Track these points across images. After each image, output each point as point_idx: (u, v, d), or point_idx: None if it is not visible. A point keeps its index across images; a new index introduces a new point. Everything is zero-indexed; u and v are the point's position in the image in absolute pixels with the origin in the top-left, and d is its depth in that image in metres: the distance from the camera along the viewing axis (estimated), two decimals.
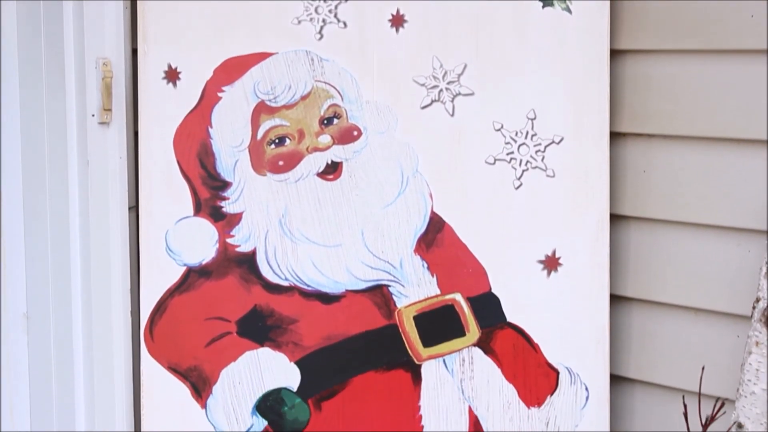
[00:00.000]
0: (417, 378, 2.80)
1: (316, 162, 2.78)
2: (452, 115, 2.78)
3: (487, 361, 2.81)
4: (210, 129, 2.77)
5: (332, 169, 2.78)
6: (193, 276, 2.76)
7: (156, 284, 2.77)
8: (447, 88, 2.77)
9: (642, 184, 2.79)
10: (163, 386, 2.76)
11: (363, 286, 2.78)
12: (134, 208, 2.83)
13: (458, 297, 2.80)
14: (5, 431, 2.68)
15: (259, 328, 2.76)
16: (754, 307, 2.50)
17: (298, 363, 2.77)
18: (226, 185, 2.77)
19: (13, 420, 2.69)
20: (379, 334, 2.79)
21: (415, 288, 2.79)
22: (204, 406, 2.77)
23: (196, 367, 2.76)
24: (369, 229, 2.78)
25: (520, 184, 2.80)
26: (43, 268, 2.71)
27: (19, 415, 2.69)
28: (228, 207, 2.77)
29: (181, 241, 2.77)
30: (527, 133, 2.78)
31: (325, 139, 2.78)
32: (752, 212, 2.60)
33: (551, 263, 2.81)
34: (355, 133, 2.78)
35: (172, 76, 2.79)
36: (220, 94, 2.78)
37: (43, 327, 2.71)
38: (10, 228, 2.65)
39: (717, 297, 2.68)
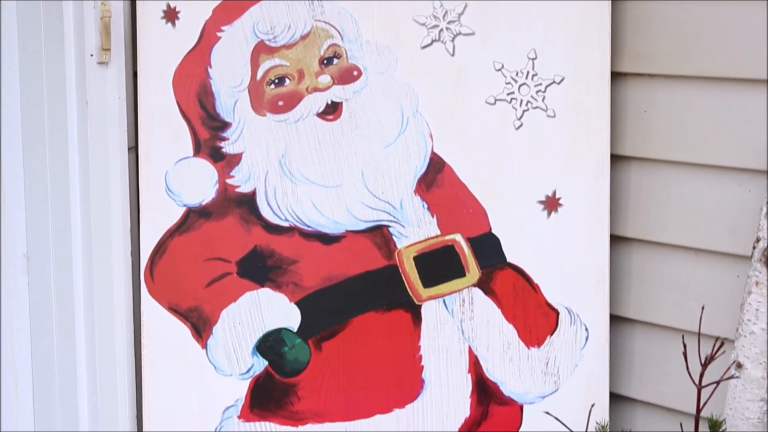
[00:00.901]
0: (417, 318, 2.80)
1: (315, 102, 2.77)
2: (452, 55, 2.76)
3: (487, 301, 2.82)
4: (209, 69, 2.76)
5: (332, 110, 2.77)
6: (193, 216, 2.76)
7: (156, 225, 2.77)
8: (447, 28, 2.76)
9: (643, 124, 2.78)
10: (163, 327, 2.77)
11: (363, 226, 2.78)
12: (134, 149, 2.82)
13: (458, 237, 2.80)
14: (6, 373, 2.68)
15: (260, 269, 2.76)
16: (754, 247, 2.50)
17: (298, 303, 2.77)
18: (225, 126, 2.76)
19: (14, 361, 2.69)
20: (379, 274, 2.79)
21: (415, 228, 2.79)
22: (204, 346, 2.78)
23: (197, 308, 2.77)
24: (369, 169, 2.77)
25: (521, 125, 2.79)
26: (42, 209, 2.71)
27: (20, 357, 2.70)
28: (228, 147, 2.76)
29: (181, 181, 2.76)
30: (528, 73, 2.77)
31: (325, 79, 2.77)
32: (753, 152, 2.59)
33: (551, 204, 2.81)
34: (355, 73, 2.77)
35: (170, 15, 2.77)
36: (219, 34, 2.76)
37: (43, 268, 2.71)
38: (9, 169, 2.65)
39: (717, 237, 2.68)
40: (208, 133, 2.76)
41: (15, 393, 2.70)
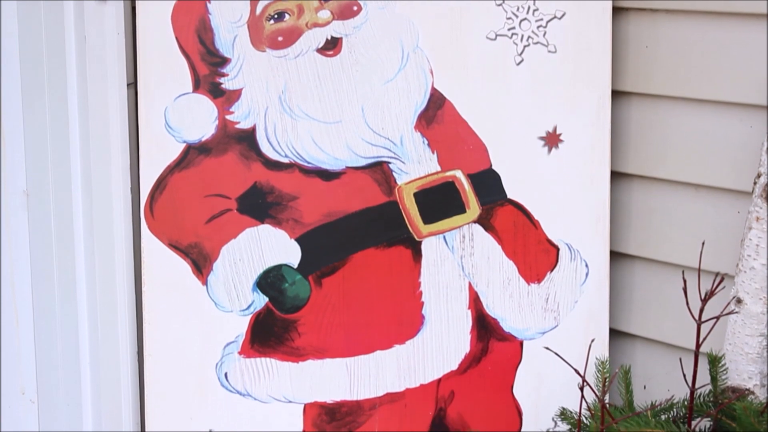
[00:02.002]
0: (417, 254, 2.80)
1: (315, 38, 2.75)
2: None
3: (487, 237, 2.82)
4: (208, 4, 2.74)
5: (332, 45, 2.76)
6: (193, 153, 2.75)
7: (155, 161, 2.76)
8: None
9: (644, 59, 2.77)
10: (163, 263, 2.77)
11: (363, 162, 2.77)
12: (133, 85, 2.81)
13: (458, 174, 2.80)
14: (6, 308, 2.69)
15: (260, 205, 2.76)
16: (755, 183, 2.50)
17: (298, 240, 2.77)
18: (224, 61, 2.75)
19: (15, 297, 2.70)
20: (379, 210, 2.79)
21: (416, 165, 2.78)
22: (205, 282, 2.78)
23: (197, 244, 2.77)
24: (369, 105, 2.76)
25: (522, 60, 2.78)
26: (42, 145, 2.70)
27: (20, 292, 2.71)
28: (227, 83, 2.75)
29: (181, 117, 2.75)
30: (529, 8, 2.75)
31: (325, 14, 2.75)
32: (755, 87, 2.58)
33: (552, 140, 2.80)
34: (355, 8, 2.75)
35: None
36: None
37: (43, 204, 2.71)
38: (8, 106, 2.64)
39: (718, 173, 2.68)
40: (208, 69, 2.75)
41: (16, 328, 2.71)
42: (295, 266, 2.78)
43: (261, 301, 2.78)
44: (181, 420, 2.80)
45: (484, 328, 2.84)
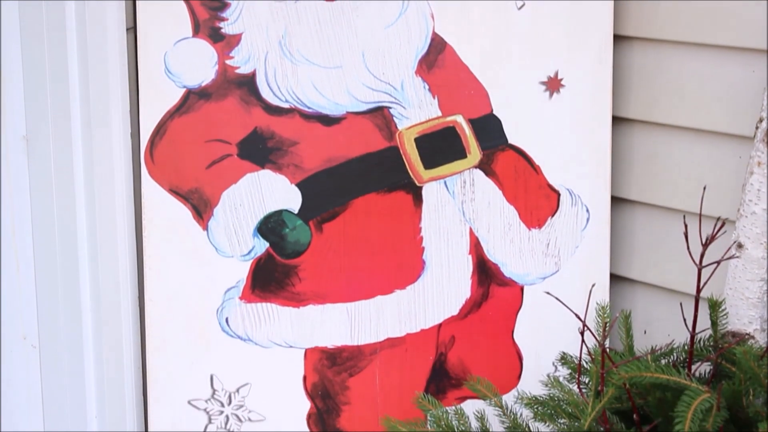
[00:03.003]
0: (418, 200, 2.80)
1: None
2: None
3: (488, 182, 2.81)
4: None
5: None
6: (193, 98, 2.74)
7: (155, 106, 2.75)
8: None
9: (646, 3, 2.75)
10: (164, 208, 2.77)
11: (364, 107, 2.77)
12: (132, 30, 2.79)
13: (459, 119, 2.79)
14: (7, 253, 2.69)
15: (260, 150, 2.75)
16: (756, 128, 2.49)
17: (299, 185, 2.77)
18: (224, 5, 2.73)
19: (15, 242, 2.70)
20: (380, 156, 2.78)
21: (416, 110, 2.78)
22: (205, 228, 2.78)
23: (197, 189, 2.76)
24: (370, 50, 2.75)
25: (523, 5, 2.76)
26: (41, 90, 2.69)
27: (21, 238, 2.71)
28: (227, 28, 2.73)
29: (180, 62, 2.74)
30: None
31: None
32: (757, 32, 2.57)
33: (553, 84, 2.80)
34: None
35: None
36: None
37: (43, 149, 2.70)
38: (7, 51, 2.62)
39: (720, 117, 2.67)
40: (207, 13, 2.73)
41: (17, 273, 2.71)
42: (296, 211, 2.78)
43: (262, 246, 2.78)
44: (182, 365, 2.81)
45: (485, 273, 2.85)
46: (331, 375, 2.85)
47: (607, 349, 2.21)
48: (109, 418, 2.89)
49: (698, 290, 2.37)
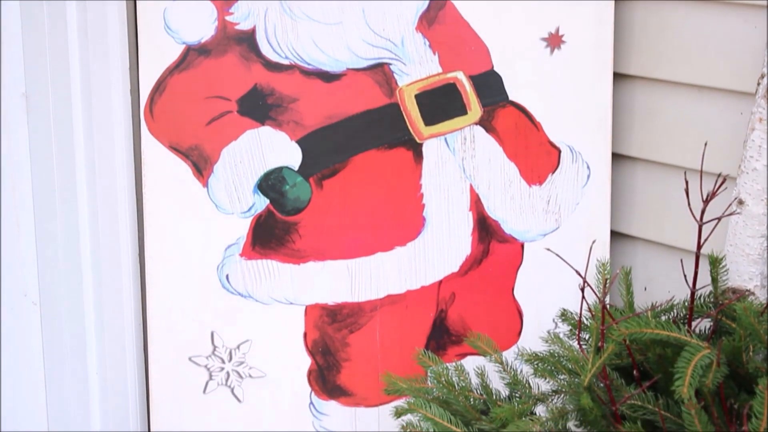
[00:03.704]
0: (418, 156, 2.80)
1: None
2: None
3: (489, 139, 2.81)
4: None
5: None
6: (192, 54, 2.73)
7: (155, 63, 2.74)
8: None
9: None
10: (164, 165, 2.76)
11: (364, 64, 2.75)
12: None
13: (460, 75, 2.78)
14: (7, 210, 2.69)
15: (260, 107, 2.75)
16: (758, 84, 2.48)
17: (299, 142, 2.76)
18: None
19: (15, 199, 2.70)
20: (380, 112, 2.78)
21: (417, 66, 2.77)
22: (205, 184, 2.77)
23: (197, 146, 2.76)
24: (370, 6, 2.73)
25: None
26: (40, 47, 2.68)
27: (21, 195, 2.70)
28: None
29: (180, 18, 2.72)
30: None
31: None
32: None
33: (554, 41, 2.78)
34: None
35: None
36: None
37: (42, 107, 2.69)
38: (6, 8, 2.61)
39: (721, 73, 2.66)
40: None
41: (17, 230, 2.70)
42: (296, 168, 2.77)
43: (262, 203, 2.78)
44: (183, 321, 2.82)
45: (485, 230, 2.85)
46: (331, 331, 2.85)
47: (608, 306, 2.21)
48: (110, 374, 2.89)
49: (699, 246, 2.37)
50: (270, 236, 2.79)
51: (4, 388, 2.75)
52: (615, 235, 2.92)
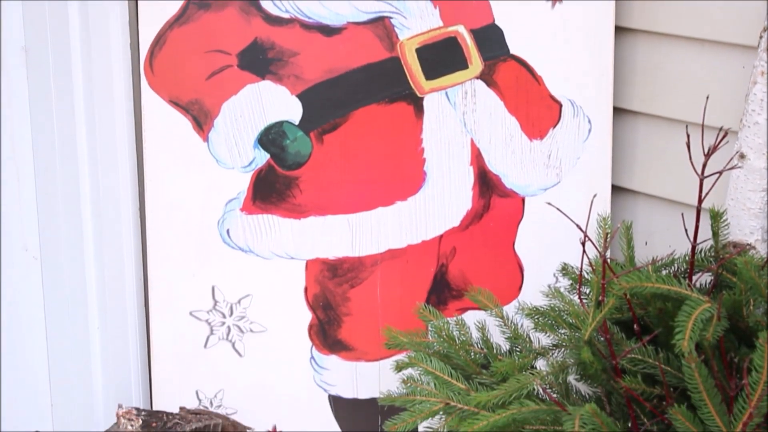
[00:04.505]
0: (419, 111, 2.79)
1: None
2: None
3: (490, 93, 2.80)
4: None
5: None
6: (192, 8, 2.72)
7: (154, 17, 2.73)
8: None
9: None
10: (164, 120, 2.75)
11: (365, 17, 2.74)
12: None
13: (461, 29, 2.76)
14: (7, 164, 2.68)
15: (260, 61, 2.73)
16: (761, 37, 2.47)
17: (299, 96, 2.75)
18: None
19: (15, 153, 2.69)
20: (381, 66, 2.76)
21: (418, 20, 2.75)
22: (206, 139, 2.77)
23: (197, 100, 2.75)
24: None
25: None
26: (39, 2, 2.67)
27: (21, 149, 2.70)
28: None
29: None
30: None
31: None
32: None
33: None
34: None
35: None
36: None
37: (42, 60, 2.68)
38: None
39: (723, 27, 2.65)
40: None
41: (17, 184, 2.70)
42: (297, 123, 2.77)
43: (262, 157, 2.78)
44: (184, 277, 2.82)
45: (486, 184, 2.84)
46: (332, 286, 2.85)
47: (608, 260, 2.21)
48: (111, 329, 2.90)
49: (700, 201, 2.37)
50: (270, 191, 2.79)
51: (5, 344, 2.76)
52: (616, 189, 2.91)
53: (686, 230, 2.41)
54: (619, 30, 2.81)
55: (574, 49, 2.80)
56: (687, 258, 2.45)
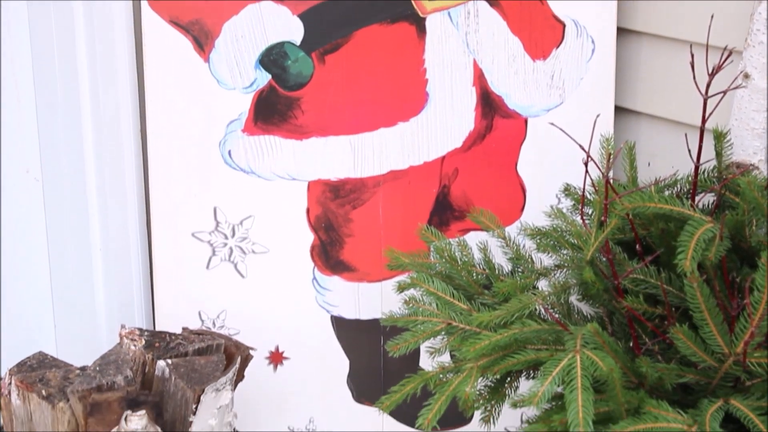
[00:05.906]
0: (421, 31, 2.77)
1: None
2: None
3: (493, 13, 2.78)
4: None
5: None
6: None
7: None
8: None
9: None
10: (164, 40, 2.73)
11: None
12: None
13: None
14: (7, 85, 2.67)
15: None
16: None
17: (301, 16, 2.73)
18: None
19: (15, 72, 2.68)
20: None
21: None
22: (207, 59, 2.75)
23: (198, 21, 2.72)
24: None
25: None
26: None
27: (21, 67, 2.69)
28: None
29: None
30: None
31: None
32: None
33: None
34: None
35: None
36: None
37: (43, 11, 2.67)
38: None
39: None
40: None
41: (17, 105, 2.69)
42: (298, 43, 2.75)
43: (264, 78, 2.76)
44: (186, 198, 2.82)
45: (489, 105, 2.83)
46: (334, 207, 2.85)
47: (611, 180, 2.21)
48: (113, 250, 2.91)
49: (703, 121, 2.36)
50: (272, 112, 2.77)
51: (7, 268, 2.76)
52: (619, 110, 2.90)
53: (689, 150, 2.40)
54: None
55: None
56: (690, 178, 2.45)
